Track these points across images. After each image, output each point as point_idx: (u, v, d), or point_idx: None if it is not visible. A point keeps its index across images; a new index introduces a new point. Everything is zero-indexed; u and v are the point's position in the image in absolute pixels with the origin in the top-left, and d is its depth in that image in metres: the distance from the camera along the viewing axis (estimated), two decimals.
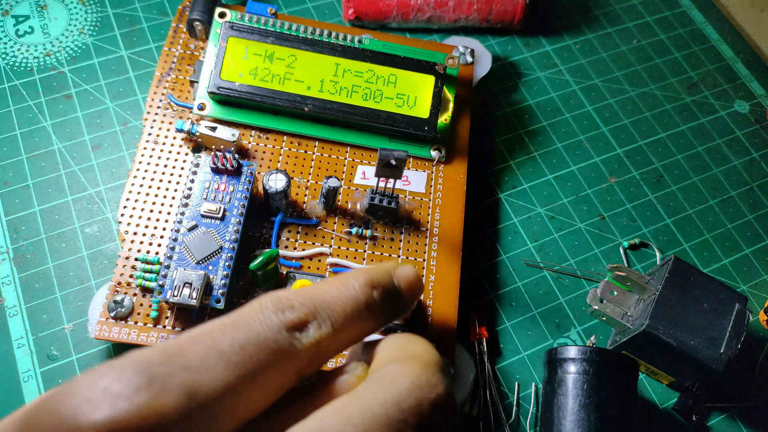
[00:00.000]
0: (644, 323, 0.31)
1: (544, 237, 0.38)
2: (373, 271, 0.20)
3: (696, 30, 0.49)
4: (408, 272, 0.21)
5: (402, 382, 0.16)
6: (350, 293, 0.19)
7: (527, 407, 0.34)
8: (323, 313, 0.18)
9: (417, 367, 0.17)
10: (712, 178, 0.42)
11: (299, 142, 0.36)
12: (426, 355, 0.18)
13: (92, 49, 0.40)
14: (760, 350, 0.37)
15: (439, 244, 0.34)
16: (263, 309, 0.17)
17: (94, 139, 0.37)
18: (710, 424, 0.35)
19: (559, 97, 0.44)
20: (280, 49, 0.35)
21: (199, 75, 0.35)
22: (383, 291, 0.19)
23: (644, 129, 0.43)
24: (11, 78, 0.39)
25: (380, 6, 0.42)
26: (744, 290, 0.39)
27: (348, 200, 0.35)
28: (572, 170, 0.41)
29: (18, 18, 0.41)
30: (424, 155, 0.36)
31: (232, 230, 0.31)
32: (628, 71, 0.46)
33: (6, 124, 0.37)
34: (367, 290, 0.19)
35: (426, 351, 0.18)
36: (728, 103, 0.46)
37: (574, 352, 0.31)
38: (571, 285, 0.37)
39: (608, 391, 0.30)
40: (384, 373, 0.16)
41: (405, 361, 0.17)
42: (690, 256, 0.39)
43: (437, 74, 0.36)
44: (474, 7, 0.43)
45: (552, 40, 0.46)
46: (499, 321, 0.36)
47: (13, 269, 0.33)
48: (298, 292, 0.18)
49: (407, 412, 0.15)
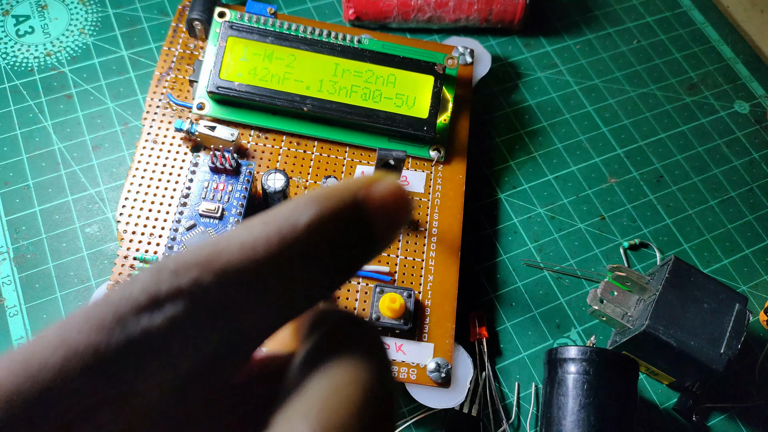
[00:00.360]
0: (644, 323, 0.31)
1: (544, 237, 0.38)
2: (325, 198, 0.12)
3: (696, 30, 0.49)
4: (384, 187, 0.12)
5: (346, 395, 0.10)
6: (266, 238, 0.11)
7: (527, 407, 0.33)
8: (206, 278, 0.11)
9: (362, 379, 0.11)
10: (712, 178, 0.42)
11: (298, 142, 0.36)
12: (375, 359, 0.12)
13: (92, 49, 0.40)
14: (760, 350, 0.37)
15: (438, 244, 0.34)
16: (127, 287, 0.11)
17: (95, 139, 0.37)
18: (710, 424, 0.34)
19: (559, 98, 0.44)
20: (280, 48, 0.35)
21: (198, 74, 0.35)
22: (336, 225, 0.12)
23: (644, 129, 0.43)
24: (12, 78, 0.39)
25: (380, 6, 0.42)
26: (744, 290, 0.39)
27: None
28: (572, 170, 0.41)
29: (18, 18, 0.41)
30: (423, 155, 0.36)
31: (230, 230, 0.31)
32: (628, 71, 0.46)
33: (6, 124, 0.37)
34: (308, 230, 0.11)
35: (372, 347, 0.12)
36: (728, 104, 0.46)
37: (574, 352, 0.31)
38: (571, 285, 0.37)
39: (608, 391, 0.30)
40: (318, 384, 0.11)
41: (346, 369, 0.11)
42: (690, 257, 0.39)
43: (436, 74, 0.36)
44: (474, 7, 0.43)
45: (552, 40, 0.46)
46: (499, 321, 0.36)
47: (14, 269, 0.33)
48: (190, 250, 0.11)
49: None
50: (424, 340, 0.32)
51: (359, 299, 0.32)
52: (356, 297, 0.32)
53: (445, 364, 0.31)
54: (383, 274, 0.33)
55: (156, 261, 0.29)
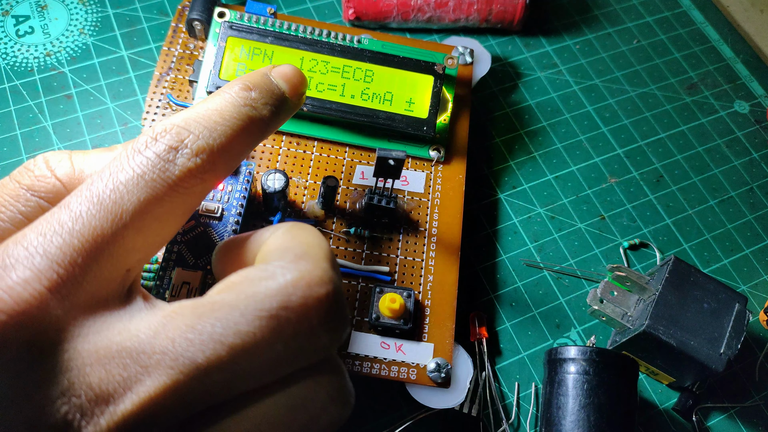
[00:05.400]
0: (644, 323, 0.31)
1: (544, 237, 0.38)
2: (246, 76, 0.19)
3: (696, 30, 0.49)
4: (285, 68, 0.21)
5: (291, 276, 0.16)
6: (226, 99, 0.18)
7: (527, 407, 0.33)
8: (199, 126, 0.17)
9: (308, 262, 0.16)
10: (712, 178, 0.42)
11: (298, 142, 0.36)
12: (317, 249, 0.17)
13: (92, 49, 0.40)
14: (760, 350, 0.37)
15: (437, 244, 0.34)
16: (136, 146, 0.17)
17: (95, 140, 0.37)
18: (710, 424, 0.34)
19: (559, 97, 0.44)
20: (280, 48, 0.35)
21: (198, 75, 0.35)
22: (261, 89, 0.19)
23: (644, 129, 0.43)
24: (11, 78, 0.39)
25: (380, 6, 0.42)
26: (744, 290, 0.39)
27: (346, 200, 0.35)
28: (572, 170, 0.41)
29: (18, 18, 0.41)
30: (423, 155, 0.36)
31: (230, 230, 0.31)
32: (628, 71, 0.46)
33: (6, 124, 0.37)
34: (243, 93, 0.19)
35: (317, 243, 0.18)
36: (728, 104, 0.46)
37: (574, 352, 0.31)
38: (571, 285, 0.37)
39: (608, 392, 0.30)
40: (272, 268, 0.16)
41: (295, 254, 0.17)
42: (690, 256, 0.39)
43: (436, 74, 0.36)
44: (474, 7, 0.43)
45: (552, 40, 0.46)
46: (499, 321, 0.36)
47: None
48: (175, 115, 0.18)
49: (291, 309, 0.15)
50: (424, 340, 0.32)
51: (359, 299, 0.32)
52: (356, 297, 0.32)
53: (445, 364, 0.31)
54: (383, 274, 0.33)
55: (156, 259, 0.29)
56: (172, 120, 0.17)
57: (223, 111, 0.18)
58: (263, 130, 0.19)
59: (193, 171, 0.17)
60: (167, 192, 0.16)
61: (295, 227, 0.18)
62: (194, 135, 0.17)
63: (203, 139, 0.17)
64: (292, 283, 0.15)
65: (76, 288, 0.15)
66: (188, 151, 0.17)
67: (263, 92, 0.19)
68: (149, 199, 0.16)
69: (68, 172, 0.19)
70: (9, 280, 0.14)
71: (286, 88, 0.20)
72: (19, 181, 0.18)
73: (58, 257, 0.15)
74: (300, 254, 0.16)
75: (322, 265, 0.16)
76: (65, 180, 0.18)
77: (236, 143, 0.18)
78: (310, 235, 0.18)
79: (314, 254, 0.17)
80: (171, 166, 0.16)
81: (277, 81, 0.20)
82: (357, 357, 0.31)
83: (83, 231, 0.15)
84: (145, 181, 0.16)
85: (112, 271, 0.16)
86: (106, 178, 0.16)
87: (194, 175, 0.17)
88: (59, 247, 0.15)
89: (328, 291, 0.16)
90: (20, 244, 0.15)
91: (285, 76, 0.20)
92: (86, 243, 0.15)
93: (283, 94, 0.20)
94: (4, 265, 0.14)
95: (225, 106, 0.18)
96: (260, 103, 0.19)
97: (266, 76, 0.20)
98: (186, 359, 0.14)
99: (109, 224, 0.15)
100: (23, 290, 0.14)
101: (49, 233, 0.15)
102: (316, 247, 0.17)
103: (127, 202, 0.16)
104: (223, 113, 0.18)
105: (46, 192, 0.18)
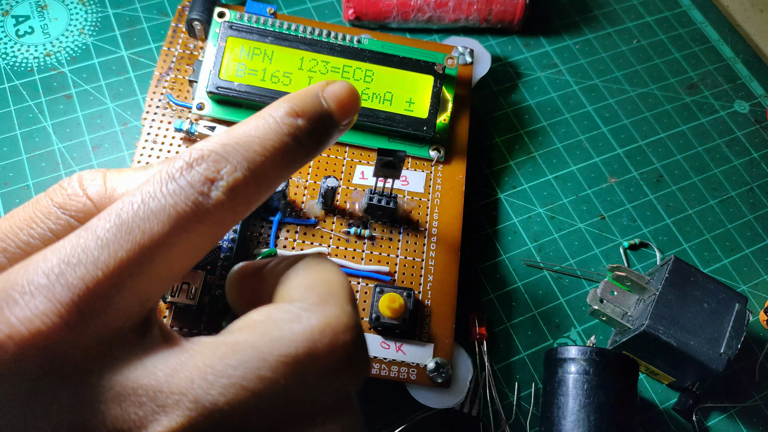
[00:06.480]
0: (644, 323, 0.31)
1: (544, 237, 0.38)
2: (295, 97, 0.18)
3: (696, 30, 0.49)
4: (338, 88, 0.19)
5: (316, 321, 0.15)
6: (270, 127, 0.17)
7: (527, 407, 0.33)
8: (237, 156, 0.16)
9: (333, 305, 0.16)
10: (712, 178, 0.42)
11: None
12: (340, 289, 0.17)
13: (92, 49, 0.40)
14: (760, 350, 0.37)
15: (437, 244, 0.34)
16: (170, 170, 0.16)
17: (94, 139, 0.37)
18: (710, 424, 0.34)
19: (559, 97, 0.44)
20: (280, 48, 0.35)
21: (198, 75, 0.35)
22: (310, 117, 0.18)
23: (644, 129, 0.43)
24: (11, 78, 0.39)
25: (380, 6, 0.42)
26: (744, 290, 0.39)
27: (346, 200, 0.35)
28: (572, 170, 0.41)
29: (18, 18, 0.41)
30: (423, 155, 0.36)
31: (230, 230, 0.31)
32: (628, 71, 0.46)
33: (6, 124, 0.37)
34: (289, 120, 0.17)
35: (339, 282, 0.17)
36: (728, 104, 0.46)
37: (574, 352, 0.31)
38: (571, 285, 0.37)
39: (608, 391, 0.30)
40: (296, 310, 0.16)
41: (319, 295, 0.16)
42: (690, 256, 0.39)
43: (436, 74, 0.36)
44: (474, 7, 0.43)
45: (552, 40, 0.46)
46: (499, 321, 0.36)
47: None
48: (213, 138, 0.17)
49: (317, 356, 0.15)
50: (424, 340, 0.32)
51: (359, 299, 0.32)
52: (356, 297, 0.32)
53: (445, 364, 0.31)
54: (383, 274, 0.33)
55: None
56: (209, 145, 0.16)
57: (264, 140, 0.17)
58: (304, 161, 0.18)
59: (226, 205, 0.16)
60: (198, 223, 0.16)
61: (316, 262, 0.18)
62: (231, 166, 0.16)
63: (240, 171, 0.16)
64: (319, 329, 0.15)
65: (94, 321, 0.14)
66: (224, 183, 0.16)
67: (311, 120, 0.18)
68: (179, 230, 0.15)
69: (100, 191, 0.18)
70: (27, 311, 0.14)
71: (338, 114, 0.19)
72: (52, 198, 0.18)
73: (80, 288, 0.14)
74: (324, 296, 0.16)
75: (347, 309, 0.16)
76: (96, 199, 0.18)
77: (274, 176, 0.17)
78: (332, 272, 0.17)
79: (338, 295, 0.16)
80: (205, 198, 0.16)
81: (328, 104, 0.18)
82: None
83: (108, 261, 0.14)
84: (177, 212, 0.15)
85: (133, 303, 0.15)
86: (137, 205, 0.15)
87: (227, 209, 0.16)
88: (82, 277, 0.14)
89: (353, 337, 0.16)
90: (41, 270, 0.14)
91: (338, 100, 0.18)
92: (110, 274, 0.14)
93: (333, 120, 0.18)
94: (23, 291, 0.14)
95: (267, 134, 0.17)
96: (306, 134, 0.18)
97: (317, 98, 0.18)
98: (206, 401, 0.14)
99: (135, 254, 0.15)
100: (41, 323, 0.13)
101: (74, 260, 0.14)
102: (338, 286, 0.17)
103: (156, 232, 0.15)
104: (264, 143, 0.17)
105: (77, 211, 0.18)
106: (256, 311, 0.16)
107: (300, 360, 0.15)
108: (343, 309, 0.16)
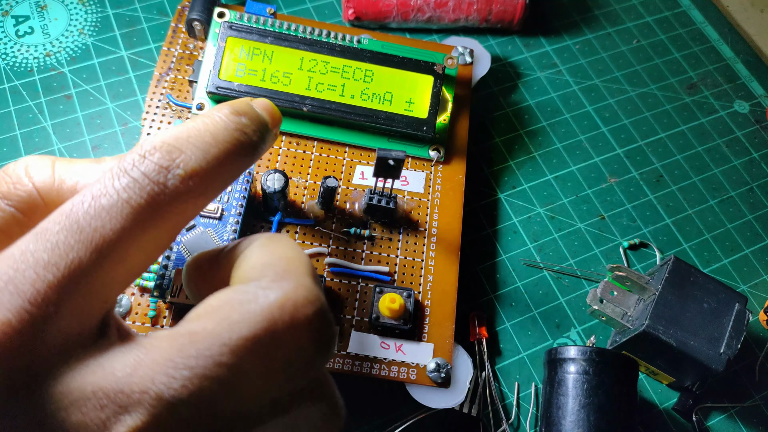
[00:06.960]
0: (644, 323, 0.31)
1: (544, 237, 0.38)
2: (232, 102, 0.19)
3: (696, 30, 0.49)
4: (264, 101, 0.20)
5: (274, 297, 0.15)
6: (218, 122, 0.17)
7: (527, 407, 0.33)
8: (191, 146, 0.16)
9: (290, 280, 0.15)
10: (712, 178, 0.42)
11: (297, 142, 0.36)
12: (297, 263, 0.16)
13: (92, 49, 0.40)
14: (760, 350, 0.37)
15: (437, 244, 0.34)
16: (122, 165, 0.15)
17: (94, 140, 0.37)
18: (710, 424, 0.34)
19: (559, 97, 0.44)
20: (279, 49, 0.35)
21: (198, 75, 0.35)
22: (250, 116, 0.19)
23: (644, 129, 0.43)
24: (11, 78, 0.39)
25: (380, 6, 0.42)
26: (744, 290, 0.39)
27: (346, 200, 0.35)
28: (572, 170, 0.41)
29: (18, 18, 0.41)
30: (423, 155, 0.36)
31: (230, 230, 0.31)
32: (628, 71, 0.46)
33: (6, 124, 0.37)
34: (234, 117, 0.18)
35: (297, 257, 0.17)
36: (728, 103, 0.46)
37: (574, 352, 0.31)
38: (571, 285, 0.37)
39: (608, 391, 0.30)
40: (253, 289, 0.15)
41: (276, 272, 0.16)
42: (690, 256, 0.39)
43: (436, 74, 0.36)
44: (474, 7, 0.43)
45: (552, 40, 0.46)
46: (499, 321, 0.36)
47: None
48: (163, 132, 0.17)
49: (278, 334, 0.14)
50: (423, 340, 0.32)
51: (359, 299, 0.32)
52: (356, 297, 0.32)
53: (445, 364, 0.31)
54: (383, 274, 0.33)
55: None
56: (161, 137, 0.16)
57: (215, 133, 0.17)
58: (252, 157, 0.18)
59: (183, 194, 0.15)
60: (154, 217, 0.15)
61: (272, 240, 0.17)
62: (186, 155, 0.16)
63: (196, 161, 0.16)
64: (278, 305, 0.15)
65: (48, 327, 0.14)
66: (180, 172, 0.15)
67: (252, 119, 0.19)
68: (134, 226, 0.15)
69: (47, 180, 0.17)
70: None
71: (268, 120, 0.20)
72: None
73: (31, 294, 0.13)
74: (280, 272, 0.16)
75: (306, 282, 0.15)
76: (42, 189, 0.17)
77: (228, 167, 0.17)
78: (289, 248, 0.17)
79: (295, 270, 0.16)
80: (160, 188, 0.15)
81: (260, 111, 0.19)
82: (357, 357, 0.31)
83: (59, 264, 0.14)
84: (131, 207, 0.15)
85: (88, 306, 0.14)
86: (87, 203, 0.15)
87: (184, 199, 0.16)
88: (32, 282, 0.13)
89: (315, 309, 0.15)
90: None
91: (266, 109, 0.20)
92: (62, 278, 0.14)
93: (267, 124, 0.19)
94: None
95: (217, 128, 0.17)
96: (250, 129, 0.18)
97: (250, 106, 0.19)
98: (168, 396, 0.13)
99: (88, 256, 0.14)
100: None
101: (22, 265, 0.14)
102: (296, 261, 0.16)
103: (109, 230, 0.14)
104: (215, 135, 0.17)
105: (20, 201, 0.17)
106: (213, 297, 0.15)
107: (261, 340, 0.14)
108: (301, 283, 0.15)
